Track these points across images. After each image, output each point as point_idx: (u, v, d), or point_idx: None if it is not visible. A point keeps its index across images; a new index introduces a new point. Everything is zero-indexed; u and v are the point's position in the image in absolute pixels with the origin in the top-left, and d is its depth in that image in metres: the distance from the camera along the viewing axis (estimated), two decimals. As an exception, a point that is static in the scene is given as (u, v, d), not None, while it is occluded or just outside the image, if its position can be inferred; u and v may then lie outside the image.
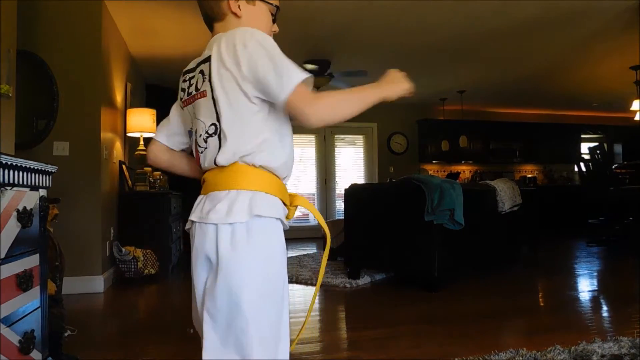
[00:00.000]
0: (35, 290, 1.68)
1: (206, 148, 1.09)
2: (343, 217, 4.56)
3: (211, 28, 1.19)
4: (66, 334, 2.16)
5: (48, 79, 3.64)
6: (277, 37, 1.23)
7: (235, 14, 1.14)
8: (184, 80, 1.17)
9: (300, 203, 1.14)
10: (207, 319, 1.03)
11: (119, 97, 4.65)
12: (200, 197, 1.11)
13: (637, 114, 6.46)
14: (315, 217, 1.15)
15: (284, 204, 1.11)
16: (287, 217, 1.14)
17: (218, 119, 1.06)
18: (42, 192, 1.78)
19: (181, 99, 1.18)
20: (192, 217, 1.09)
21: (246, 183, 1.04)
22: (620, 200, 6.04)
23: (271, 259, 1.04)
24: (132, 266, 4.06)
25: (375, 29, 4.77)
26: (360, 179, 8.65)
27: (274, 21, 1.21)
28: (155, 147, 1.27)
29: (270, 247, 1.04)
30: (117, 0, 3.98)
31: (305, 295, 3.73)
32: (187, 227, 1.14)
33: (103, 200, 3.90)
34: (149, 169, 4.86)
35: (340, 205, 8.36)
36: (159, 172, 5.11)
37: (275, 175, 1.09)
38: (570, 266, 4.94)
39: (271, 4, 1.19)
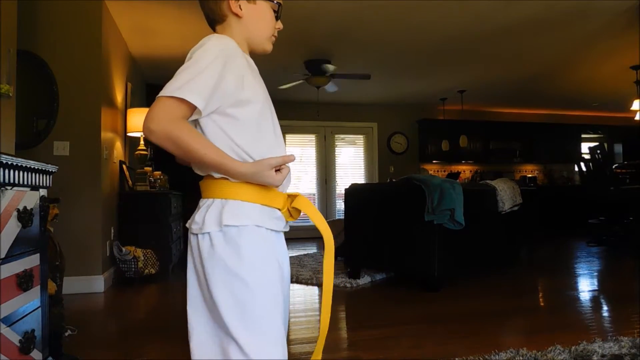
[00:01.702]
0: (36, 290, 1.68)
1: None
2: (343, 217, 4.56)
3: (214, 30, 1.19)
4: (66, 334, 2.16)
5: (48, 79, 3.64)
6: (277, 36, 1.23)
7: (236, 15, 1.14)
8: None
9: (299, 204, 1.12)
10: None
11: (119, 97, 4.65)
12: None
13: (637, 114, 6.46)
14: (311, 220, 1.12)
15: (278, 208, 1.11)
16: (289, 219, 1.14)
17: None
18: (43, 192, 1.78)
19: None
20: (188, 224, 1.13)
21: (219, 191, 1.06)
22: (620, 200, 6.04)
23: (246, 266, 1.02)
24: (132, 266, 4.06)
25: (376, 28, 4.77)
26: (360, 179, 8.65)
27: (277, 18, 1.20)
28: None
29: (245, 255, 1.03)
30: (117, 0, 3.98)
31: (305, 295, 3.73)
32: None
33: (103, 200, 3.90)
34: (149, 168, 4.86)
35: (340, 205, 8.36)
36: (159, 172, 5.11)
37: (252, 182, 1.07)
38: (570, 266, 4.94)
39: (272, 1, 1.17)
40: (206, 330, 1.04)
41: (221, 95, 1.01)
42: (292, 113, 8.03)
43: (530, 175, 9.25)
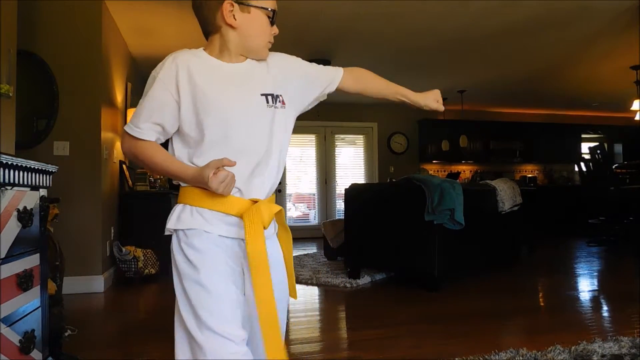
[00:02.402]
0: (36, 290, 1.68)
1: None
2: (343, 217, 4.56)
3: (206, 39, 1.20)
4: (66, 334, 2.16)
5: (48, 79, 3.64)
6: (277, 37, 1.23)
7: (230, 26, 1.13)
8: None
9: (246, 213, 1.09)
10: None
11: (119, 97, 4.65)
12: None
13: (637, 114, 6.46)
14: (245, 232, 1.08)
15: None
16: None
17: None
18: (43, 191, 1.78)
19: None
20: None
21: (181, 197, 1.17)
22: (620, 200, 6.04)
23: (192, 269, 1.10)
24: (133, 266, 4.06)
25: (376, 29, 4.77)
26: (360, 179, 8.64)
27: (272, 24, 1.19)
28: None
29: (191, 257, 1.10)
30: (117, 0, 3.98)
31: (305, 295, 3.73)
32: None
33: (103, 200, 3.90)
34: (149, 168, 4.86)
35: (340, 205, 8.35)
36: (159, 172, 5.11)
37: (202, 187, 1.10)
38: (570, 266, 4.94)
39: (266, 8, 1.16)
40: (183, 328, 1.09)
41: (163, 118, 1.13)
42: (292, 113, 8.01)
43: (530, 175, 9.24)
